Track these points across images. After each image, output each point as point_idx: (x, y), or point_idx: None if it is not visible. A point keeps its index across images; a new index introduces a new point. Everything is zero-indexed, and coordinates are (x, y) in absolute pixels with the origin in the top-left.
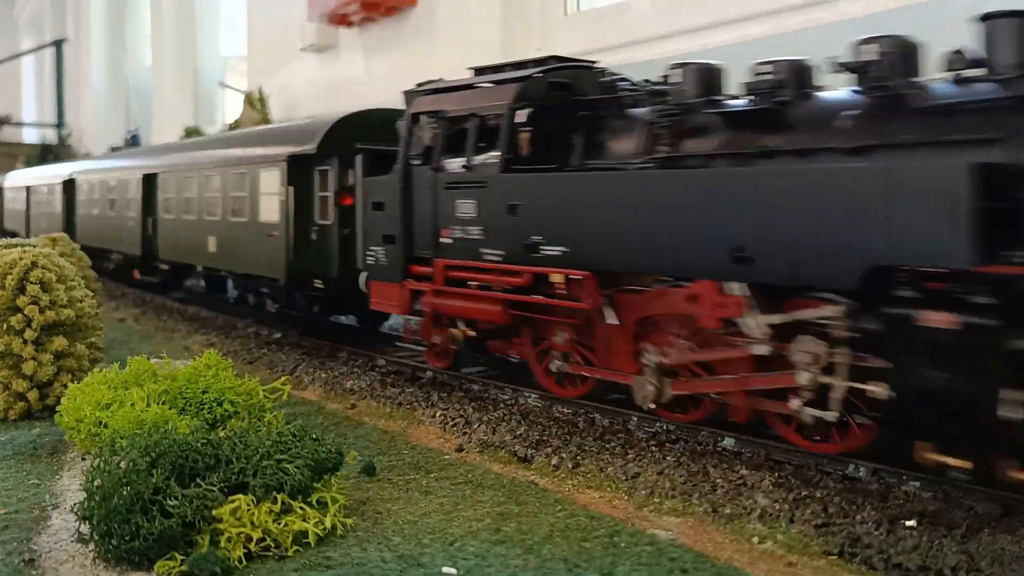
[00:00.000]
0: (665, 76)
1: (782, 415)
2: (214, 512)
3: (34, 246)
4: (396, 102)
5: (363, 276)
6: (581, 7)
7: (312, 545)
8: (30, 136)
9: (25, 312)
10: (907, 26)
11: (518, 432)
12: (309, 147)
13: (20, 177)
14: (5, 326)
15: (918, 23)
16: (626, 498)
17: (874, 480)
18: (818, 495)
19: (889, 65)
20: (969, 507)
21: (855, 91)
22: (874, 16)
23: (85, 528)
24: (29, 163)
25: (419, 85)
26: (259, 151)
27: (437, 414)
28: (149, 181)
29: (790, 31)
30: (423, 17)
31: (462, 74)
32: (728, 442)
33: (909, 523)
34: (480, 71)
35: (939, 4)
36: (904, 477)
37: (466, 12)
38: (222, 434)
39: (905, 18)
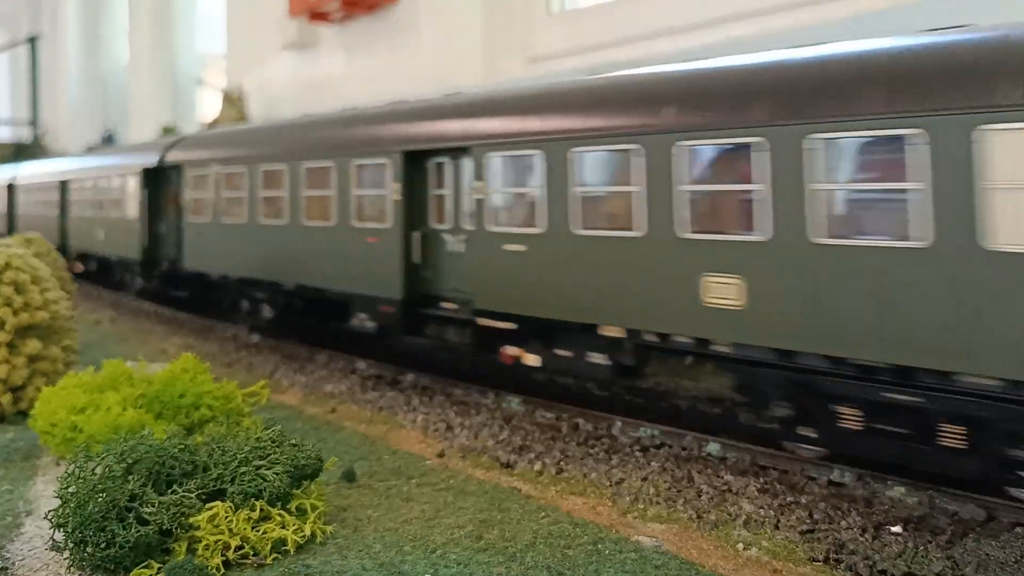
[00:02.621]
0: None
1: None
2: (191, 519)
3: (8, 246)
4: (376, 100)
5: None
6: (565, 6)
7: (291, 553)
8: (4, 134)
9: None
10: (891, 28)
11: (500, 437)
12: None
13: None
14: None
15: (902, 25)
16: (610, 504)
17: (859, 486)
18: (803, 501)
19: None
20: (953, 513)
21: None
22: (859, 17)
23: (59, 535)
24: (3, 162)
25: None
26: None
27: (418, 418)
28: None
29: (776, 32)
30: (405, 14)
31: (444, 72)
32: (713, 448)
33: (894, 529)
34: None
35: (924, 6)
36: (889, 483)
37: (448, 9)
38: (199, 440)
39: (890, 20)
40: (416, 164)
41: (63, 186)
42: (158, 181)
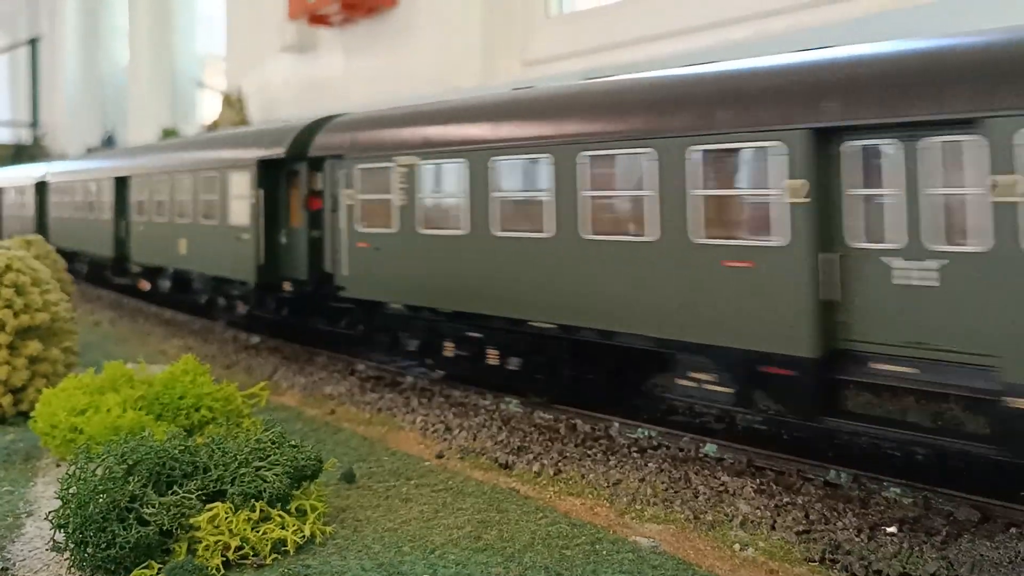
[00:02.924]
0: None
1: None
2: (192, 520)
3: (8, 248)
4: (376, 103)
5: None
6: (564, 9)
7: (291, 553)
8: (4, 135)
9: None
10: (889, 31)
11: (499, 438)
12: None
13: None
14: None
15: (899, 28)
16: (608, 505)
17: (855, 486)
18: (799, 502)
19: None
20: (949, 514)
21: None
22: (856, 21)
23: (60, 536)
24: (2, 163)
25: None
26: None
27: (417, 420)
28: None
29: (773, 35)
30: (404, 17)
31: (443, 75)
32: (710, 448)
33: (890, 529)
34: None
35: (921, 9)
36: (885, 483)
37: (447, 13)
38: (200, 441)
39: (887, 23)
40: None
41: (120, 184)
42: (276, 177)
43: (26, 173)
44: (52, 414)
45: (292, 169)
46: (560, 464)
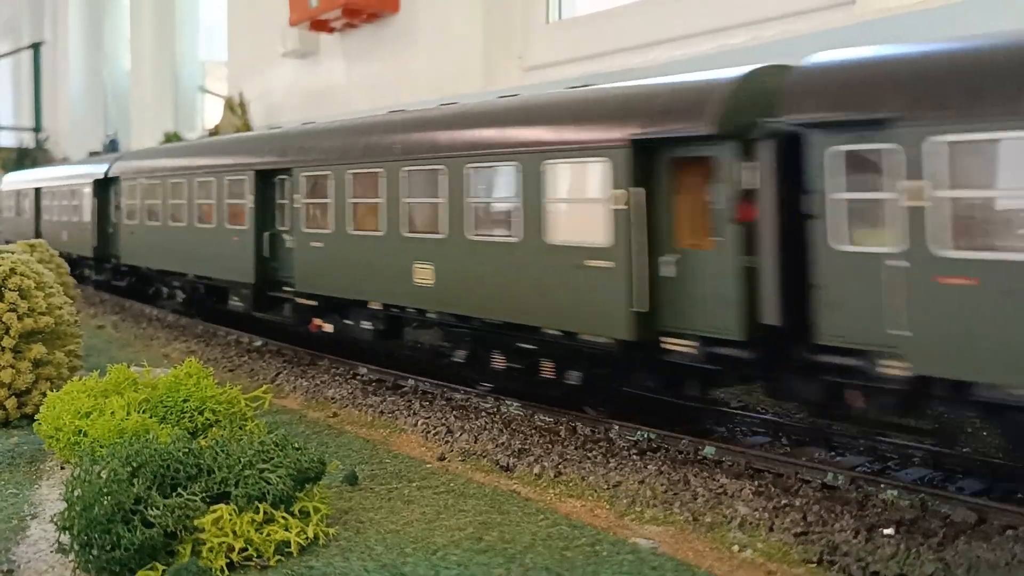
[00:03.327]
0: None
1: None
2: (196, 522)
3: (12, 252)
4: (377, 109)
5: None
6: (563, 15)
7: (294, 555)
8: (7, 140)
9: (3, 319)
10: (884, 37)
11: (500, 441)
12: None
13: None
14: None
15: (895, 35)
16: (608, 507)
17: (852, 488)
18: (797, 503)
19: None
20: (946, 516)
21: None
22: (850, 28)
23: (65, 538)
24: (6, 167)
25: None
26: None
27: (419, 423)
28: None
29: (767, 42)
30: (405, 24)
31: (443, 82)
32: (709, 451)
33: (887, 531)
34: None
35: (917, 16)
36: (882, 485)
37: (448, 19)
38: (203, 443)
39: (880, 30)
40: None
41: (281, 185)
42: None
43: (78, 171)
44: (56, 417)
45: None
46: (560, 466)
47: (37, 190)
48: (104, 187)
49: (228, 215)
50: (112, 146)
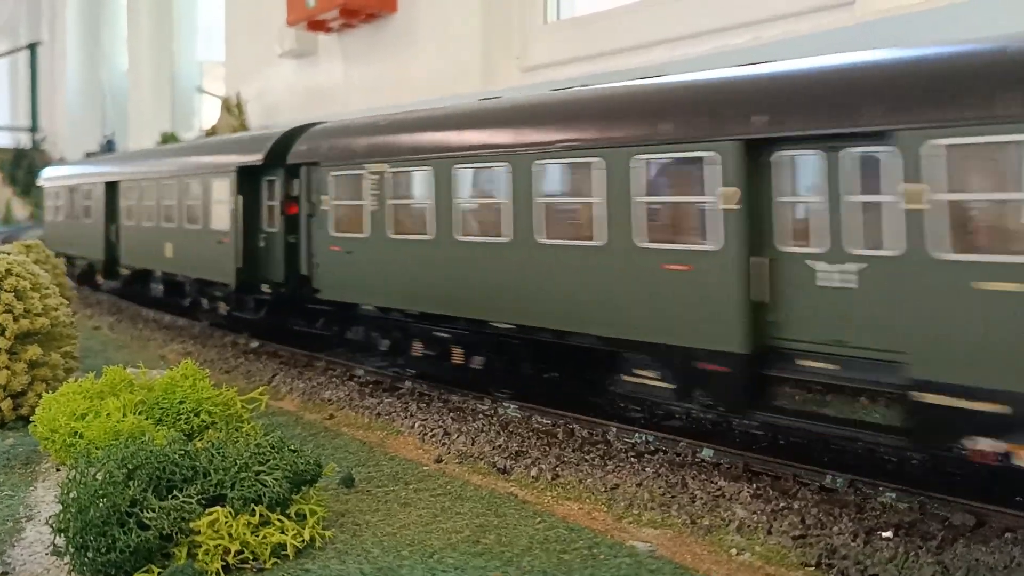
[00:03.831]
0: None
1: None
2: (192, 524)
3: (8, 253)
4: (375, 109)
5: None
6: (561, 16)
7: (291, 557)
8: (3, 140)
9: None
10: (884, 39)
11: (497, 443)
12: None
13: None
14: None
15: (894, 36)
16: (605, 510)
17: (851, 491)
18: (795, 506)
19: None
20: (944, 518)
21: None
22: (850, 28)
23: (60, 541)
24: (2, 168)
25: None
26: None
27: (416, 425)
28: None
29: (768, 42)
30: (403, 24)
31: (441, 82)
32: (707, 453)
33: (885, 534)
34: None
35: (915, 16)
36: (881, 488)
37: (446, 19)
38: (199, 445)
39: (881, 31)
40: None
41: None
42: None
43: (198, 154)
44: (52, 419)
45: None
46: (558, 469)
47: (111, 184)
48: (253, 179)
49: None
50: (109, 147)
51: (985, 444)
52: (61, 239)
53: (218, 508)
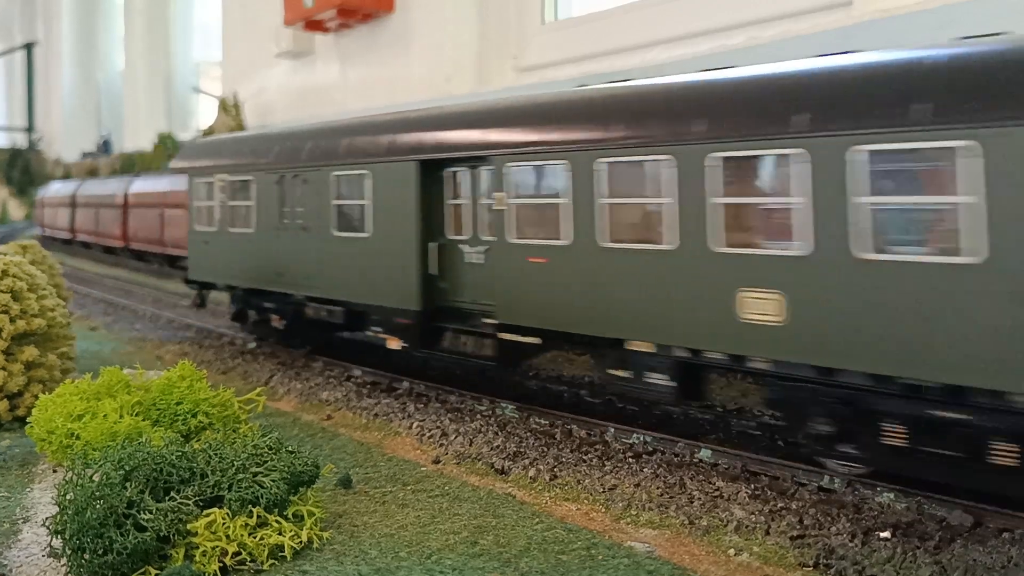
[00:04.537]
0: None
1: None
2: (189, 526)
3: (4, 254)
4: (372, 108)
5: None
6: (558, 16)
7: (288, 559)
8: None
9: None
10: (879, 40)
11: (495, 444)
12: None
13: None
14: None
15: (889, 37)
16: (603, 510)
17: (849, 491)
18: (794, 507)
19: None
20: (942, 519)
21: None
22: (847, 29)
23: (57, 542)
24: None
25: None
26: None
27: (414, 425)
28: None
29: (765, 42)
30: (400, 24)
31: (438, 81)
32: (705, 454)
33: (883, 535)
34: None
35: (913, 17)
36: (879, 488)
37: (443, 20)
38: (197, 446)
39: (877, 31)
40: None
41: None
42: None
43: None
44: (49, 420)
45: None
46: (556, 469)
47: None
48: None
49: None
50: (105, 147)
51: None
52: (247, 267)
53: (215, 509)
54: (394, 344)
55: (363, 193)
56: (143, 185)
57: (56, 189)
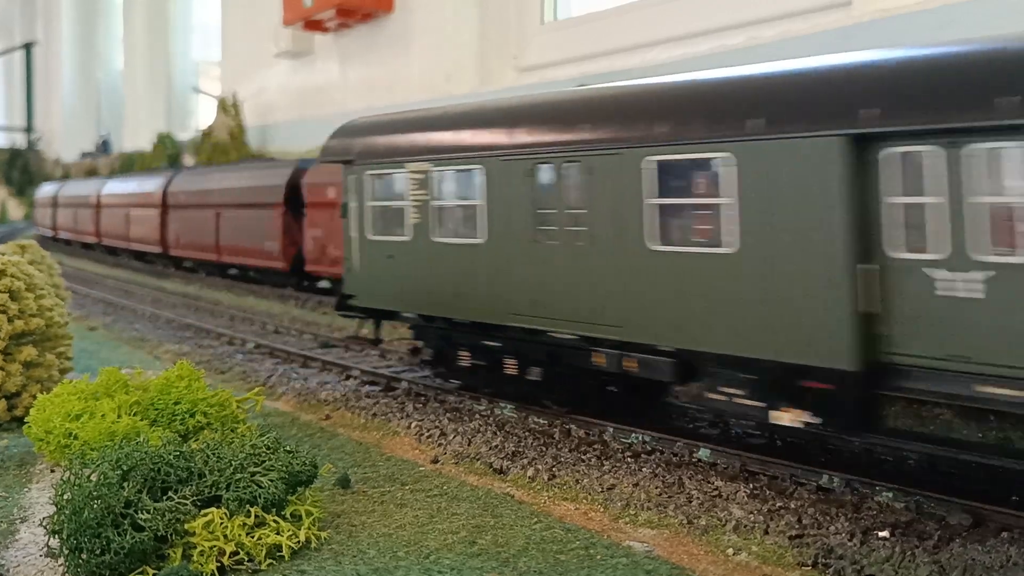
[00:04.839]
0: None
1: None
2: (187, 526)
3: (2, 254)
4: (371, 108)
5: None
6: (558, 16)
7: (286, 559)
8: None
9: None
10: (880, 39)
11: (494, 443)
12: None
13: None
14: None
15: (890, 37)
16: (602, 510)
17: (847, 491)
18: (792, 506)
19: None
20: (941, 518)
21: None
22: (847, 29)
23: (55, 542)
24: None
25: None
26: None
27: (412, 425)
28: None
29: (765, 42)
30: (399, 24)
31: (438, 81)
32: (703, 453)
33: (882, 534)
34: None
35: (912, 17)
36: (877, 488)
37: (442, 19)
38: (195, 446)
39: (877, 31)
40: None
41: None
42: None
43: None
44: (47, 420)
45: None
46: (554, 469)
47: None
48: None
49: None
50: (104, 147)
51: None
52: (466, 292)
53: (213, 509)
54: (790, 419)
55: (717, 187)
56: (113, 187)
57: (45, 191)
